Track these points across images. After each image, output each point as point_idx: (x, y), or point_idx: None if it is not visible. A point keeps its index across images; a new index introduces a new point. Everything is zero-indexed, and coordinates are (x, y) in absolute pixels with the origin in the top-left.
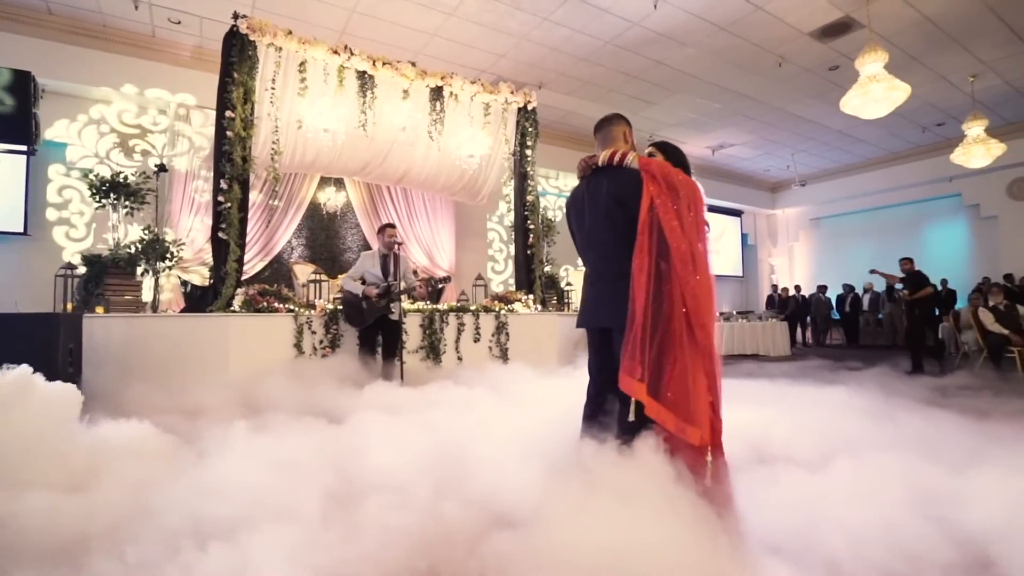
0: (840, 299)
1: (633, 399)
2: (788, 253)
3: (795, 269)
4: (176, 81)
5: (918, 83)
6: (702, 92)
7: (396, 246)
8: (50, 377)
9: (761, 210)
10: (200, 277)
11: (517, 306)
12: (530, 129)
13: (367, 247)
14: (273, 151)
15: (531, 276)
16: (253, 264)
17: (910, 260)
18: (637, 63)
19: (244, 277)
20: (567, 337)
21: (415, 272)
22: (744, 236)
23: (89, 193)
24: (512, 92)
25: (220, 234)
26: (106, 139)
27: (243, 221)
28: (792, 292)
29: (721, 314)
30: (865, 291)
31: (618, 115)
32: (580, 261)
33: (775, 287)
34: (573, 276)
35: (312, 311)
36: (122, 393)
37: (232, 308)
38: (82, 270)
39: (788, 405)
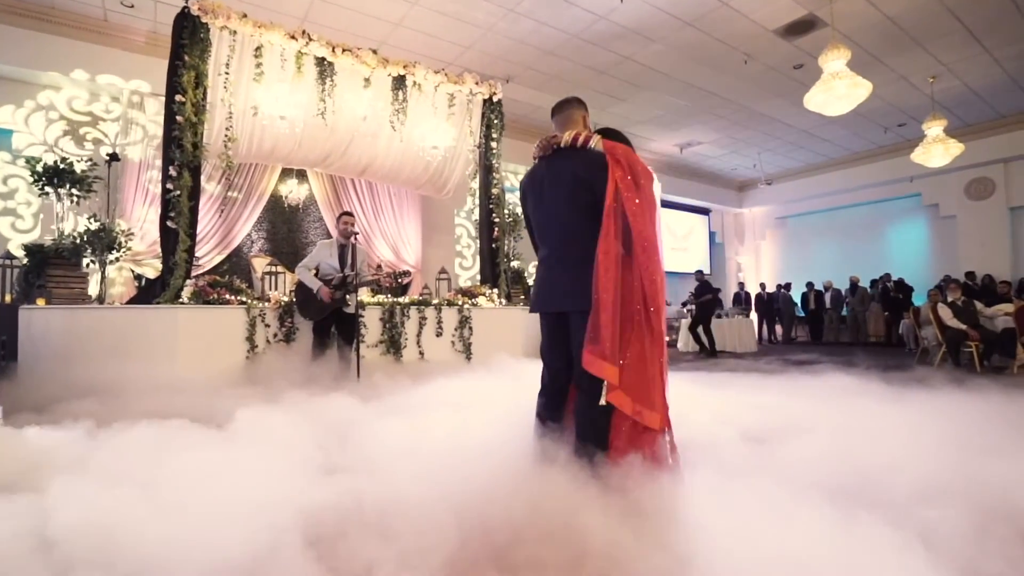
0: (804, 297)
1: (605, 381)
2: (755, 251)
3: (762, 267)
4: (129, 67)
5: (880, 83)
6: (670, 89)
7: (353, 236)
8: None
9: (729, 208)
10: (154, 270)
11: (481, 300)
12: (495, 121)
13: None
14: (227, 138)
15: (496, 270)
16: (211, 257)
17: (701, 271)
18: (605, 58)
19: (201, 271)
20: (532, 331)
21: (379, 266)
22: (712, 234)
23: (31, 180)
24: (477, 83)
25: (169, 223)
26: (55, 126)
27: (193, 210)
28: (759, 290)
29: (690, 311)
30: (826, 289)
31: (577, 99)
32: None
33: (741, 285)
34: None
35: (266, 303)
36: (52, 387)
37: (181, 300)
38: (23, 261)
39: None
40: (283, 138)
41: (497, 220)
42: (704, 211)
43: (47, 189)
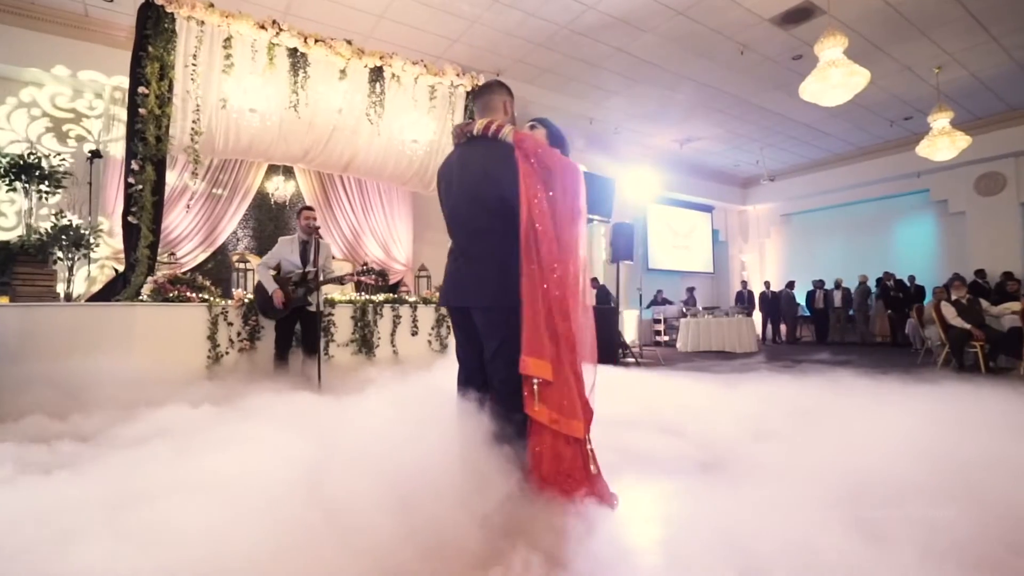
0: (810, 296)
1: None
2: (759, 249)
3: (766, 265)
4: (111, 63)
5: (883, 74)
6: (664, 82)
7: (315, 231)
8: None
9: (732, 206)
10: None
11: None
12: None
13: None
14: (193, 131)
15: None
16: (195, 255)
17: (596, 279)
18: (596, 50)
19: (185, 269)
20: None
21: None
22: (715, 232)
23: None
24: (458, 75)
25: (130, 218)
26: (37, 123)
27: (157, 205)
28: (763, 289)
29: (687, 310)
30: (836, 287)
31: (499, 82)
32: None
33: (744, 283)
34: None
35: (228, 301)
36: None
37: (141, 298)
38: None
39: None
40: (260, 133)
41: None
42: (707, 208)
43: (15, 184)
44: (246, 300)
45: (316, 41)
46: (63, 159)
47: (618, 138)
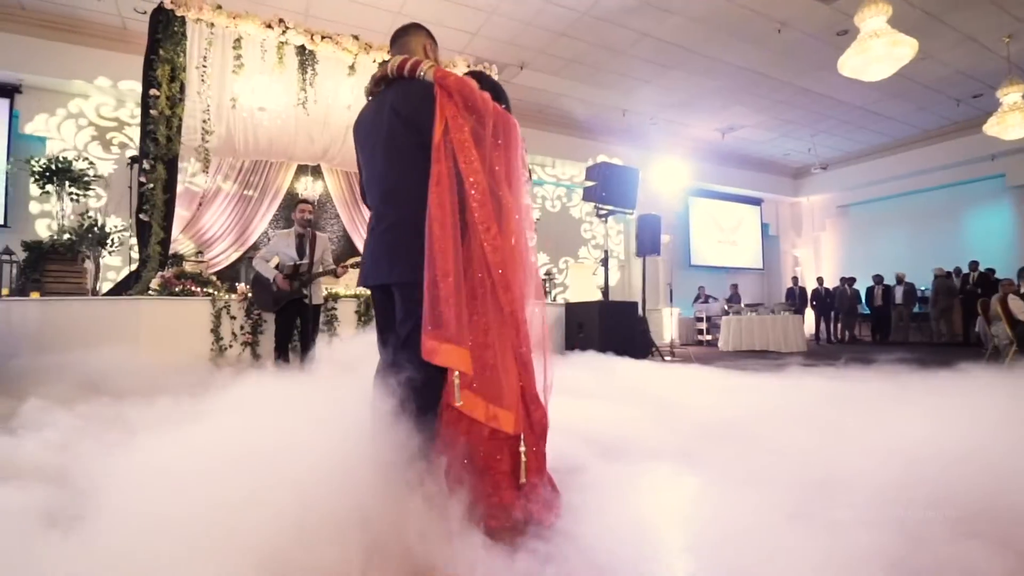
0: (869, 292)
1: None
2: (814, 244)
3: (822, 261)
4: None
5: (943, 47)
6: (697, 67)
7: (309, 224)
8: None
9: (783, 198)
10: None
11: None
12: None
13: (347, 237)
14: (204, 131)
15: None
16: (227, 255)
17: None
18: (621, 36)
19: (214, 269)
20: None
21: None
22: (765, 226)
23: (32, 180)
24: (468, 66)
25: (142, 216)
26: (84, 132)
27: (168, 203)
28: (816, 285)
29: (729, 308)
30: (898, 282)
31: (417, 24)
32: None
33: (795, 279)
34: (574, 268)
35: (231, 295)
36: (22, 375)
37: (150, 292)
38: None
39: None
40: (278, 133)
41: None
42: (756, 201)
43: (48, 187)
44: (248, 294)
45: (323, 38)
46: (91, 163)
47: (654, 129)
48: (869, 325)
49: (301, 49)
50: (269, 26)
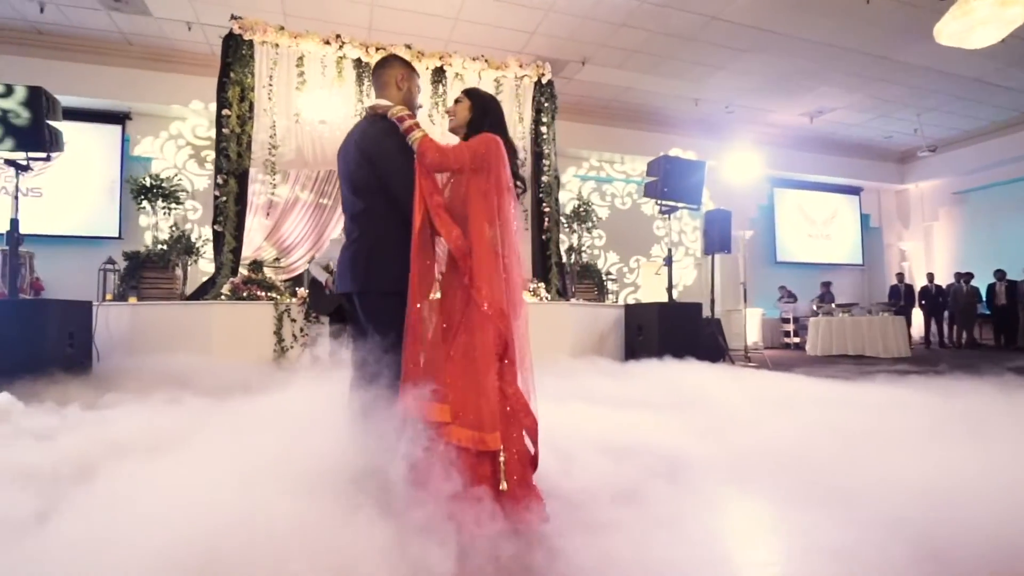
0: (990, 289)
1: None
2: (924, 235)
3: (933, 254)
4: None
5: None
6: (774, 48)
7: None
8: (43, 357)
9: (887, 185)
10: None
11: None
12: (546, 105)
13: None
14: (271, 145)
15: (547, 263)
16: (303, 261)
17: None
18: (686, 22)
19: (293, 274)
20: (580, 329)
21: None
22: (864, 217)
23: (131, 196)
24: (521, 66)
25: (216, 227)
26: (183, 152)
27: (240, 214)
28: (926, 282)
29: (818, 308)
30: None
31: (395, 56)
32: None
33: (900, 276)
34: (645, 267)
35: (292, 299)
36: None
37: (221, 297)
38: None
39: None
40: (338, 143)
41: (547, 210)
42: (853, 190)
43: (144, 203)
44: (306, 298)
45: (377, 49)
46: (180, 180)
47: (731, 118)
48: (991, 327)
49: (358, 62)
50: (327, 42)
